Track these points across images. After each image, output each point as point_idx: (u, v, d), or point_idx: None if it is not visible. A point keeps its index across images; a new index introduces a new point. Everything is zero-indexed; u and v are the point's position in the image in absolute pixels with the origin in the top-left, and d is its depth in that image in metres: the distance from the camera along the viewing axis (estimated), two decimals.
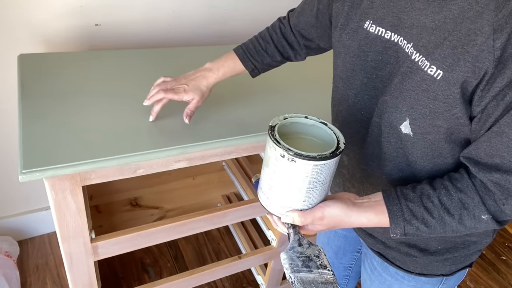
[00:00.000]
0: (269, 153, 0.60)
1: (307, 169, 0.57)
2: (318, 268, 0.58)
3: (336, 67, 0.78)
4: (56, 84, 1.02)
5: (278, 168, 0.59)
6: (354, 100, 0.73)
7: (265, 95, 1.12)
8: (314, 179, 0.58)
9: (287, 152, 0.56)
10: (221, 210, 1.10)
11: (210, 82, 0.91)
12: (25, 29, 1.24)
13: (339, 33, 0.74)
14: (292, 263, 0.58)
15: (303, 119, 0.64)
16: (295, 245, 0.61)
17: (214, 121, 0.97)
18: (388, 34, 0.65)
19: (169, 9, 1.40)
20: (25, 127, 0.85)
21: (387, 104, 0.65)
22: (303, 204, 0.61)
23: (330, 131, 0.63)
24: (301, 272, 0.57)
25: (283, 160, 0.57)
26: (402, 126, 0.63)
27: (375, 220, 0.62)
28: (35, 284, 1.50)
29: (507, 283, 1.83)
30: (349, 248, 1.03)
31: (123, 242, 0.99)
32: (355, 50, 0.70)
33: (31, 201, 1.59)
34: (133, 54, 1.23)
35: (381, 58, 0.66)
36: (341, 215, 0.61)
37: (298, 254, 0.60)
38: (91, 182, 0.84)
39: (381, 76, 0.67)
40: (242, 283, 1.63)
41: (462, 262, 0.79)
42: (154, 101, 0.90)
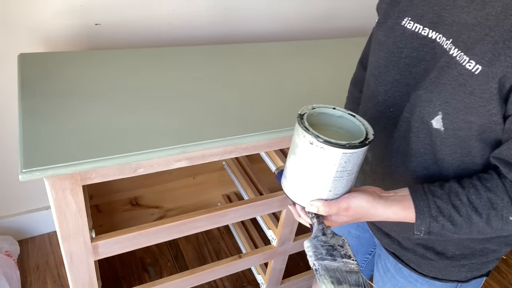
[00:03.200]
0: (296, 140, 0.59)
1: (335, 157, 0.56)
2: (342, 258, 0.58)
3: (369, 65, 0.78)
4: (56, 83, 1.02)
5: (305, 155, 0.58)
6: (385, 97, 0.72)
7: (265, 94, 1.12)
8: (341, 168, 0.58)
9: (317, 139, 0.56)
10: (221, 209, 1.10)
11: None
12: (25, 29, 1.23)
13: (375, 30, 0.74)
14: (316, 251, 0.58)
15: (331, 110, 0.64)
16: (319, 234, 0.60)
17: (214, 121, 0.97)
18: (426, 31, 0.65)
19: (169, 9, 1.40)
20: (25, 127, 0.85)
21: (420, 98, 0.64)
22: (328, 193, 0.61)
23: (359, 122, 0.62)
24: (325, 260, 0.57)
25: (311, 147, 0.57)
26: (433, 121, 0.63)
27: (401, 214, 0.61)
28: (35, 283, 1.50)
29: (507, 282, 1.83)
30: (361, 249, 1.02)
31: (123, 241, 0.99)
32: (390, 46, 0.70)
33: (31, 200, 1.59)
34: (133, 54, 1.23)
35: (416, 55, 0.66)
36: (367, 207, 0.61)
37: (322, 243, 0.59)
38: (92, 181, 0.84)
39: (414, 73, 0.67)
40: (242, 283, 1.63)
41: (478, 270, 0.77)
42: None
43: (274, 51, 1.40)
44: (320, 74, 1.30)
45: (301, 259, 1.76)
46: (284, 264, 1.44)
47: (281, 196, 1.18)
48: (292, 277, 1.56)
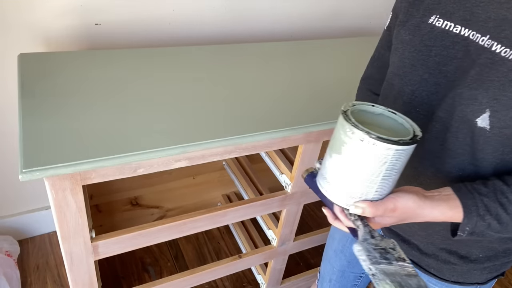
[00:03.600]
0: (342, 138, 0.56)
1: (387, 154, 0.54)
2: (398, 261, 0.55)
3: (392, 64, 0.76)
4: (56, 83, 1.02)
5: (353, 153, 0.55)
6: (411, 97, 0.71)
7: (266, 94, 1.12)
8: (392, 166, 0.55)
9: (368, 135, 0.53)
10: (222, 209, 1.10)
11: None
12: (25, 29, 1.23)
13: (397, 30, 0.73)
14: (369, 255, 0.55)
15: (370, 107, 0.61)
16: (367, 237, 0.57)
17: (214, 121, 0.97)
18: (458, 28, 0.64)
19: (169, 8, 1.40)
20: (25, 127, 0.85)
21: (462, 97, 0.63)
22: (374, 194, 0.58)
23: (401, 120, 0.60)
24: (381, 264, 0.54)
25: (361, 144, 0.54)
26: (479, 119, 0.61)
27: (448, 214, 0.59)
28: (35, 283, 1.50)
29: (508, 282, 1.83)
30: None
31: (123, 241, 0.99)
32: (417, 45, 0.69)
33: (31, 200, 1.59)
34: (133, 53, 1.23)
35: (447, 53, 0.65)
36: (414, 207, 0.58)
37: (374, 246, 0.56)
38: (92, 181, 0.84)
39: (445, 71, 0.66)
40: (242, 283, 1.63)
41: (497, 271, 0.77)
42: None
43: (275, 51, 1.40)
44: (322, 74, 1.30)
45: (301, 259, 1.76)
46: (284, 264, 1.44)
47: (281, 196, 1.18)
48: (292, 277, 1.56)
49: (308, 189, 1.20)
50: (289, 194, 1.19)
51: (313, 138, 1.07)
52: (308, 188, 1.20)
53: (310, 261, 1.76)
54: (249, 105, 1.06)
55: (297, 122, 1.01)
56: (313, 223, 1.95)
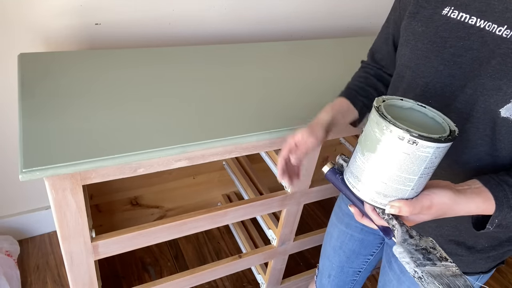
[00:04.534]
0: (378, 136, 0.54)
1: (428, 152, 0.52)
2: (441, 261, 0.53)
3: (402, 57, 0.76)
4: (56, 83, 1.02)
5: (390, 152, 0.53)
6: (424, 89, 0.71)
7: (266, 94, 1.12)
8: (431, 163, 0.53)
9: (409, 133, 0.51)
10: (222, 209, 1.10)
11: (321, 117, 0.79)
12: (25, 28, 1.23)
13: (407, 22, 0.73)
14: (412, 257, 0.53)
15: (399, 102, 0.59)
16: (406, 237, 0.55)
17: (214, 120, 0.97)
18: (473, 19, 0.64)
19: (169, 8, 1.40)
20: (25, 126, 0.85)
21: (485, 87, 0.63)
22: (410, 192, 0.56)
23: (432, 113, 0.58)
24: (426, 266, 0.52)
25: (400, 142, 0.52)
26: (503, 109, 0.61)
27: (482, 207, 0.58)
28: (35, 283, 1.50)
29: (508, 282, 1.83)
30: (363, 251, 1.02)
31: (123, 241, 0.99)
32: (431, 36, 0.68)
33: (31, 200, 1.59)
34: (133, 53, 1.23)
35: (462, 44, 0.65)
36: (450, 203, 0.57)
37: (415, 247, 0.54)
38: (92, 181, 0.84)
39: (460, 62, 0.66)
40: (242, 282, 1.63)
41: (500, 258, 0.79)
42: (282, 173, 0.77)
43: (274, 50, 1.40)
44: (321, 73, 1.30)
45: (301, 259, 1.76)
46: (284, 264, 1.44)
47: (281, 196, 1.18)
48: (292, 277, 1.56)
49: (308, 189, 1.20)
50: (289, 194, 1.19)
51: None
52: (308, 188, 1.20)
53: (310, 261, 1.76)
54: (249, 105, 1.06)
55: (298, 122, 1.01)
56: (313, 223, 1.95)
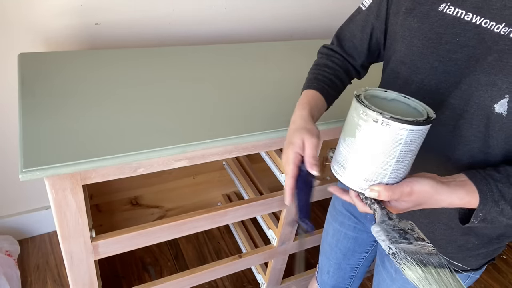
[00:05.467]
0: (355, 121, 0.56)
1: (402, 134, 0.53)
2: (417, 240, 0.54)
3: (397, 53, 0.76)
4: (56, 83, 1.02)
5: (367, 135, 0.55)
6: (419, 86, 0.71)
7: (266, 94, 1.12)
8: (406, 147, 0.55)
9: (383, 115, 0.53)
10: (222, 209, 1.10)
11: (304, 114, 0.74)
12: (25, 28, 1.23)
13: (403, 17, 0.72)
14: (388, 235, 0.54)
15: (383, 93, 0.61)
16: (385, 218, 0.57)
17: (214, 120, 0.97)
18: (469, 16, 0.64)
19: (169, 8, 1.40)
20: (25, 126, 0.85)
21: (480, 83, 0.63)
22: (389, 176, 0.57)
23: (414, 104, 0.59)
24: (401, 244, 0.54)
25: (375, 125, 0.54)
26: (497, 105, 0.61)
27: (466, 199, 0.59)
28: (35, 283, 1.50)
29: (508, 282, 1.83)
30: (358, 249, 1.02)
31: (123, 241, 0.99)
32: (426, 32, 0.68)
33: (31, 200, 1.59)
34: (133, 53, 1.23)
35: (457, 41, 0.65)
36: (431, 192, 0.57)
37: (392, 227, 0.56)
38: (92, 181, 0.84)
39: (455, 59, 0.66)
40: (242, 282, 1.63)
41: (490, 255, 0.79)
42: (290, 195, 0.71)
43: (274, 50, 1.40)
44: None
45: None
46: (284, 264, 1.44)
47: (281, 195, 1.18)
48: (292, 277, 1.56)
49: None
50: None
51: None
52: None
53: (310, 261, 1.76)
54: (249, 104, 1.06)
55: None
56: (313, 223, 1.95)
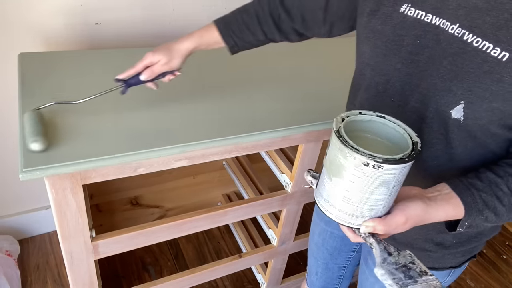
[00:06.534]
0: (342, 162, 0.54)
1: (394, 173, 0.52)
2: (421, 276, 0.54)
3: (362, 54, 0.75)
4: (56, 83, 1.02)
5: (357, 177, 0.53)
6: (385, 86, 0.70)
7: (265, 94, 1.12)
8: (398, 182, 0.54)
9: (374, 159, 0.51)
10: (222, 209, 1.10)
11: (182, 47, 0.86)
12: (25, 28, 1.23)
13: (367, 19, 0.72)
14: (394, 278, 0.53)
15: (359, 116, 0.59)
16: (385, 255, 0.56)
17: (214, 120, 0.97)
18: (429, 17, 0.63)
19: (169, 8, 1.40)
20: None
21: (436, 88, 0.63)
22: (382, 209, 0.57)
23: (392, 123, 0.58)
24: (409, 286, 0.53)
25: (366, 168, 0.52)
26: (453, 111, 0.61)
27: (451, 213, 0.60)
28: (35, 283, 1.50)
29: (508, 282, 1.83)
30: (344, 248, 1.03)
31: (123, 241, 0.99)
32: (389, 34, 0.68)
33: (31, 200, 1.59)
34: (133, 53, 1.23)
35: (418, 42, 0.65)
36: (421, 214, 0.58)
37: (395, 266, 0.55)
38: (92, 181, 0.84)
39: (417, 61, 0.65)
40: (242, 282, 1.63)
41: (470, 253, 0.80)
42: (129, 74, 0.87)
43: (274, 50, 1.40)
44: (322, 73, 1.30)
45: (301, 259, 1.76)
46: (284, 264, 1.44)
47: (281, 195, 1.18)
48: (292, 277, 1.56)
49: (309, 188, 1.20)
50: (289, 193, 1.19)
51: (313, 137, 1.07)
52: (308, 187, 1.20)
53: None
54: (249, 104, 1.06)
55: (297, 121, 1.01)
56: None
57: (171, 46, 0.86)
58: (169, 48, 0.86)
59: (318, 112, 1.07)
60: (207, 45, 0.88)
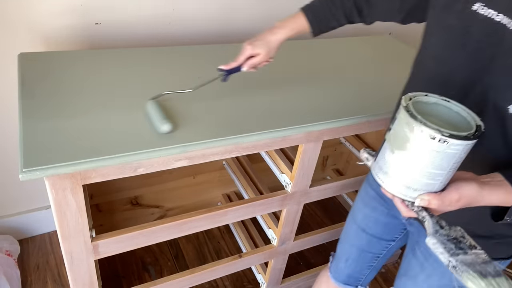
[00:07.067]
0: (408, 135, 0.57)
1: (457, 149, 0.55)
2: (471, 249, 0.56)
3: (429, 46, 0.78)
4: (56, 83, 1.02)
5: (421, 150, 0.56)
6: (447, 79, 0.73)
7: (265, 94, 1.12)
8: (459, 159, 0.57)
9: (441, 133, 0.54)
10: (222, 209, 1.10)
11: (278, 38, 0.96)
12: (25, 28, 1.23)
13: (439, 12, 0.75)
14: (445, 247, 0.56)
15: (425, 98, 0.62)
16: (437, 228, 0.59)
17: (214, 120, 0.97)
18: (500, 16, 0.66)
19: (169, 8, 1.40)
20: (25, 126, 0.85)
21: (497, 84, 0.65)
22: (439, 186, 0.59)
23: (457, 108, 0.61)
24: (459, 255, 0.55)
25: (432, 142, 0.55)
26: (511, 106, 0.64)
27: (504, 199, 0.62)
28: (35, 283, 1.50)
29: None
30: (386, 236, 1.04)
31: (123, 241, 0.99)
32: (459, 30, 0.71)
33: (31, 200, 1.59)
34: (133, 53, 1.23)
35: (486, 40, 0.68)
36: (475, 195, 0.60)
37: (446, 237, 0.57)
38: (92, 181, 0.84)
39: (482, 57, 0.68)
40: (242, 282, 1.63)
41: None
42: (232, 67, 0.98)
43: None
44: (322, 73, 1.30)
45: (301, 259, 1.76)
46: (284, 264, 1.44)
47: (281, 195, 1.18)
48: (292, 277, 1.56)
49: (309, 188, 1.20)
50: (289, 193, 1.19)
51: (313, 137, 1.07)
52: (308, 187, 1.20)
53: (310, 260, 1.77)
54: (249, 104, 1.06)
55: (297, 121, 1.01)
56: (313, 223, 1.95)
57: (267, 38, 0.96)
58: (266, 41, 0.96)
59: (318, 112, 1.07)
60: (295, 34, 0.98)
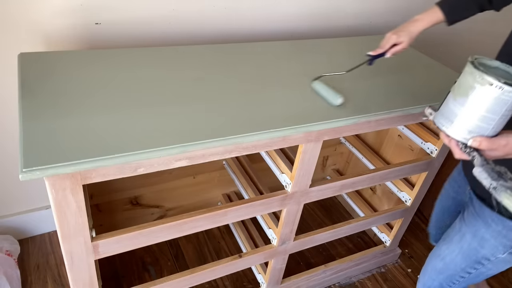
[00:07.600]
0: (471, 83, 0.70)
1: (510, 96, 0.67)
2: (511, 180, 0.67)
3: None
4: (57, 82, 1.02)
5: (480, 96, 0.69)
6: None
7: (265, 94, 1.12)
8: (510, 106, 0.68)
9: (498, 80, 0.66)
10: (222, 209, 1.10)
11: (418, 29, 1.09)
12: (26, 28, 1.23)
13: None
14: (489, 174, 0.68)
15: (488, 61, 0.74)
16: (484, 163, 0.70)
17: (214, 120, 0.97)
18: None
19: (169, 8, 1.40)
20: (25, 126, 0.85)
21: None
22: (491, 130, 0.71)
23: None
24: (500, 181, 0.67)
25: (489, 88, 0.67)
26: None
27: None
28: (35, 282, 1.50)
29: (508, 281, 1.83)
30: (450, 210, 1.19)
31: (123, 241, 0.99)
32: None
33: (31, 200, 1.59)
34: (133, 53, 1.23)
35: None
36: None
37: (491, 169, 0.69)
38: (92, 181, 0.84)
39: None
40: (242, 282, 1.63)
41: None
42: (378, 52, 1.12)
43: (274, 50, 1.40)
44: (321, 73, 1.30)
45: (301, 259, 1.76)
46: (284, 264, 1.44)
47: (281, 195, 1.18)
48: (292, 277, 1.56)
49: (309, 188, 1.20)
50: (290, 193, 1.19)
51: (313, 137, 1.07)
52: (308, 187, 1.20)
53: (310, 260, 1.77)
54: (250, 104, 1.06)
55: (297, 121, 1.01)
56: (313, 223, 1.95)
57: (410, 29, 1.09)
58: (409, 31, 1.08)
59: (318, 112, 1.07)
60: (431, 26, 1.10)
